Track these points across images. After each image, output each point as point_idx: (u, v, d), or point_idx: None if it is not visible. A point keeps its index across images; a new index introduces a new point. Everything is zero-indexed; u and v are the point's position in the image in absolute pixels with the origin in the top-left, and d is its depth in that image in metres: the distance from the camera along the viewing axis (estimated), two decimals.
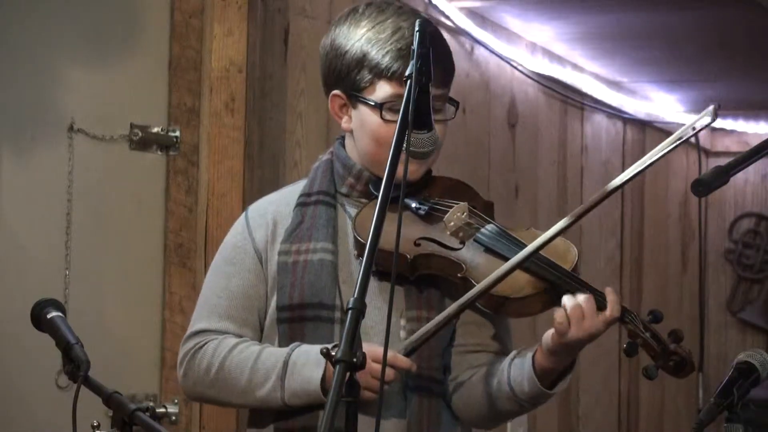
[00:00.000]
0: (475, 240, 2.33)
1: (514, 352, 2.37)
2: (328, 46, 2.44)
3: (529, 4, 4.42)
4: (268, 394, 2.33)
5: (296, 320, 2.37)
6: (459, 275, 2.30)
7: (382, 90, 2.37)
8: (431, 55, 2.08)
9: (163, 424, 3.28)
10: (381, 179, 2.01)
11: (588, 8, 4.43)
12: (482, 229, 2.35)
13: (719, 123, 6.42)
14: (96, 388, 2.10)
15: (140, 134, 3.34)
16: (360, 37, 2.38)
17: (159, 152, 3.38)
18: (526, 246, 2.31)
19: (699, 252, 6.46)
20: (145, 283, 3.36)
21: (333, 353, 1.83)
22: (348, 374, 1.81)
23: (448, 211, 2.38)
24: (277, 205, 2.49)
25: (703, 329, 6.41)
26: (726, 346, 6.56)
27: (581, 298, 2.23)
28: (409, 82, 2.03)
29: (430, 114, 2.11)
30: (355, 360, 1.80)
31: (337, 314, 2.35)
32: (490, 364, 2.37)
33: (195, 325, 2.44)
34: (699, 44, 4.96)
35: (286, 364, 2.32)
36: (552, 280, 2.27)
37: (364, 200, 2.44)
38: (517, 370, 2.31)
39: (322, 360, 2.25)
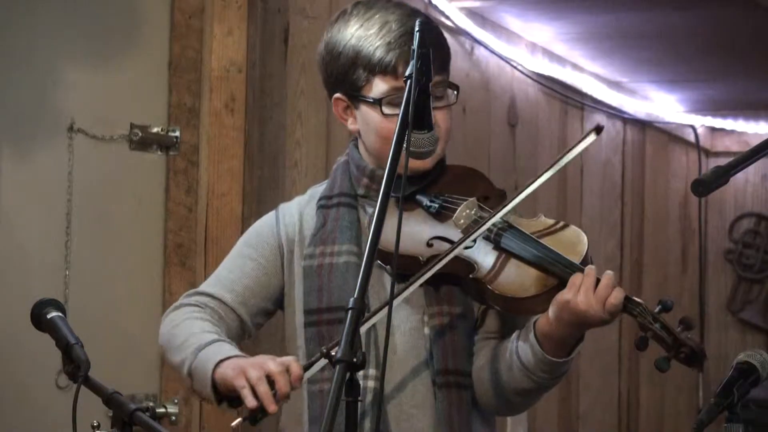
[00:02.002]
0: (484, 237, 2.33)
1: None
2: (323, 51, 2.45)
3: (529, 4, 4.42)
4: (183, 358, 2.34)
5: (324, 323, 2.38)
6: (470, 276, 2.29)
7: (379, 86, 2.37)
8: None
9: (163, 424, 3.28)
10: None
11: (588, 8, 4.43)
12: (490, 225, 2.33)
13: (719, 123, 6.42)
14: (96, 388, 2.10)
15: (140, 134, 3.34)
16: (350, 37, 2.39)
17: (159, 152, 3.38)
18: (533, 239, 2.29)
19: (699, 252, 6.46)
20: (145, 283, 3.36)
21: (333, 353, 1.84)
22: (348, 374, 1.81)
23: (458, 207, 2.37)
24: (305, 206, 2.51)
25: (703, 329, 6.41)
26: (726, 346, 6.56)
27: (608, 273, 2.23)
28: (408, 82, 2.04)
29: (430, 114, 2.12)
30: (355, 360, 1.80)
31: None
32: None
33: (200, 287, 2.49)
34: (699, 44, 4.96)
35: (214, 341, 2.33)
36: (561, 276, 2.25)
37: None
38: (524, 338, 2.30)
39: (229, 354, 2.28)
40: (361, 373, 1.87)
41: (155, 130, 3.37)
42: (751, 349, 2.18)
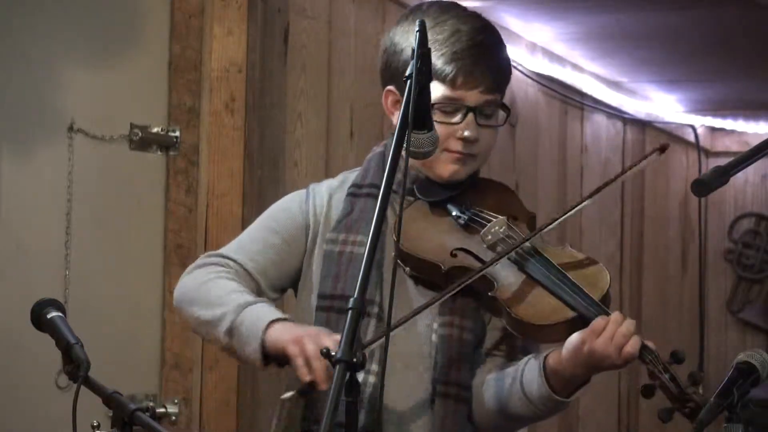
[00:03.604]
0: (508, 258, 2.31)
1: (532, 354, 2.35)
2: (388, 42, 2.44)
3: (529, 4, 4.42)
4: (223, 312, 2.33)
5: (335, 310, 2.38)
6: (489, 293, 2.28)
7: (434, 91, 2.30)
8: (483, 59, 2.29)
9: (163, 424, 3.28)
10: (428, 180, 2.25)
11: (588, 8, 4.43)
12: (518, 248, 2.32)
13: (719, 123, 6.43)
14: (96, 388, 2.10)
15: (140, 134, 3.34)
16: None
17: (159, 152, 3.38)
18: (559, 269, 2.28)
19: (699, 252, 6.46)
20: (145, 283, 3.36)
21: (333, 353, 1.84)
22: (348, 374, 1.81)
23: (487, 223, 2.37)
24: (335, 191, 2.51)
25: (703, 329, 6.41)
26: (726, 346, 6.57)
27: (628, 321, 2.20)
28: (408, 82, 2.03)
29: (429, 114, 2.11)
30: (355, 360, 1.80)
31: (375, 309, 2.35)
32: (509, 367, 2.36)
33: (221, 250, 2.48)
34: (699, 44, 4.96)
35: (260, 301, 2.34)
36: (582, 312, 2.23)
37: (410, 198, 2.43)
38: (531, 370, 2.30)
39: (280, 315, 2.28)
40: None
41: (155, 130, 3.37)
42: (751, 349, 2.18)
